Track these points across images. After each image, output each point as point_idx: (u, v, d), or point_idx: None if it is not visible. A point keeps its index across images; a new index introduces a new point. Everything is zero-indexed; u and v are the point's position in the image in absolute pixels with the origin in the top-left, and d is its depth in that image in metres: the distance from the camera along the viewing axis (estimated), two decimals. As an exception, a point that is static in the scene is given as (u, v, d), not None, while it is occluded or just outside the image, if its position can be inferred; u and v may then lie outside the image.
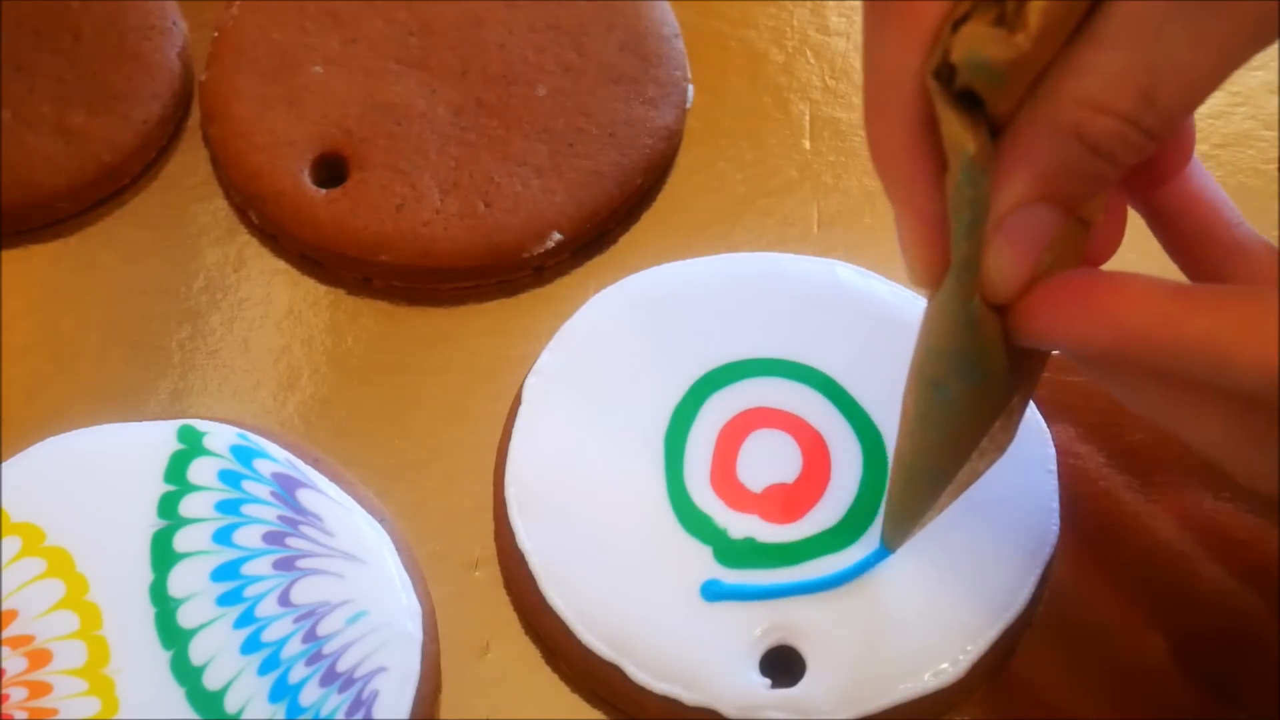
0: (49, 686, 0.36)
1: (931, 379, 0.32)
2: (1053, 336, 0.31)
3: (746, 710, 0.36)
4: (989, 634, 0.37)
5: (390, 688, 0.36)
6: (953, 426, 0.33)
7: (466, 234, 0.43)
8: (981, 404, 0.32)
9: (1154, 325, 0.30)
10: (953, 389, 0.32)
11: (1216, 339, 0.29)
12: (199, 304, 0.43)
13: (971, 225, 0.30)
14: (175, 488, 0.38)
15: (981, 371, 0.32)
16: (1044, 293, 0.31)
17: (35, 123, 0.44)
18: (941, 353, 0.32)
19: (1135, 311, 0.30)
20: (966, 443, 0.33)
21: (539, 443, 0.39)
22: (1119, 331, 0.30)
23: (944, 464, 0.34)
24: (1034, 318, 0.31)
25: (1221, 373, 0.29)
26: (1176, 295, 0.30)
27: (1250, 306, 0.29)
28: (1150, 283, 0.30)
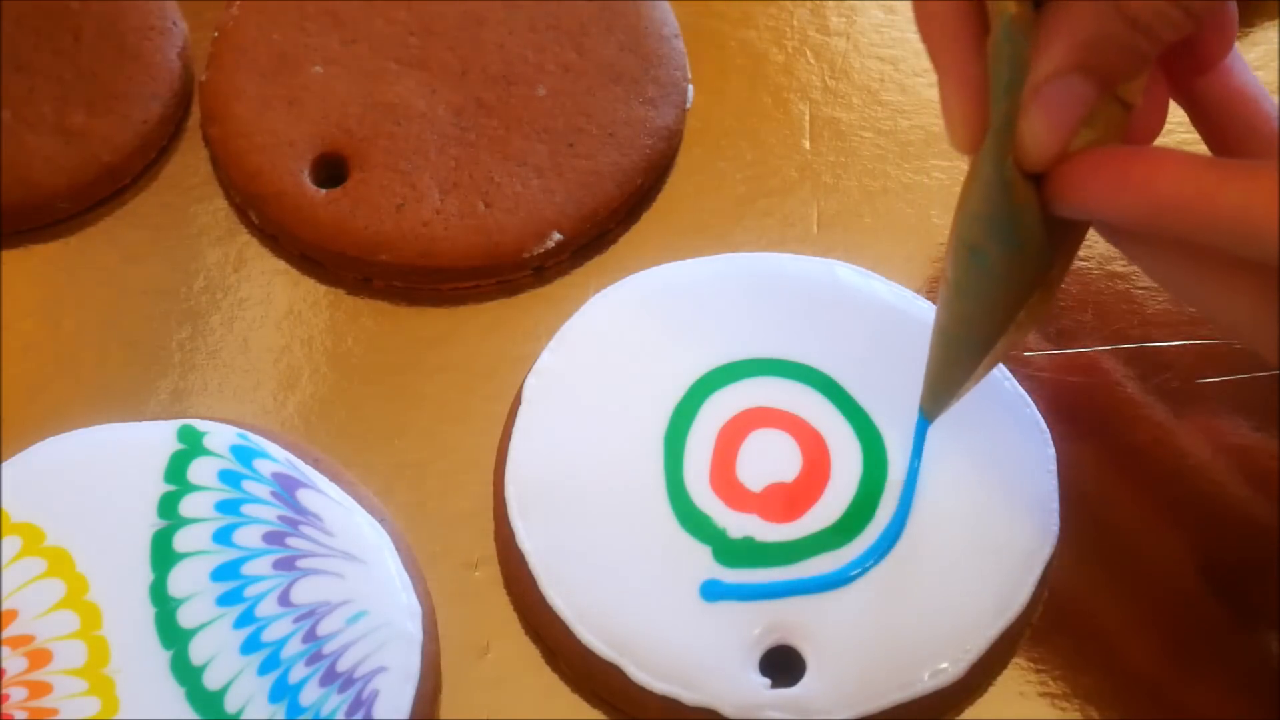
0: (49, 686, 0.36)
1: (970, 244, 0.33)
2: (1089, 205, 0.32)
3: (746, 710, 0.36)
4: (989, 634, 0.37)
5: (390, 688, 0.36)
6: (990, 294, 0.33)
7: (466, 234, 0.43)
8: (1018, 271, 0.33)
9: (1188, 195, 0.30)
10: (990, 255, 0.33)
11: (1249, 209, 0.30)
12: (199, 304, 0.43)
13: (1010, 85, 0.31)
14: (175, 488, 0.38)
15: (1018, 238, 0.32)
16: (1082, 162, 0.32)
17: (35, 123, 0.44)
18: (978, 217, 0.32)
19: (1170, 181, 0.31)
20: (1004, 311, 0.34)
21: (539, 443, 0.39)
22: (1153, 200, 0.31)
23: (982, 332, 0.34)
24: (1071, 186, 0.32)
25: (1251, 242, 0.30)
26: (1211, 166, 0.31)
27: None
28: (1187, 156, 0.31)
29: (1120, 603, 0.39)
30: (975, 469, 0.39)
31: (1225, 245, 0.31)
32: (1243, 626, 0.38)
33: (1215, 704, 0.38)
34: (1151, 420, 0.41)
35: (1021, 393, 0.40)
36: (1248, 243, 0.30)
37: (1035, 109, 0.31)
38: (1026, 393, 0.40)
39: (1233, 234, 0.30)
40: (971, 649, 0.37)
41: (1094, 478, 0.40)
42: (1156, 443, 0.41)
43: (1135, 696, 0.38)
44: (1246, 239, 0.30)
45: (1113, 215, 0.32)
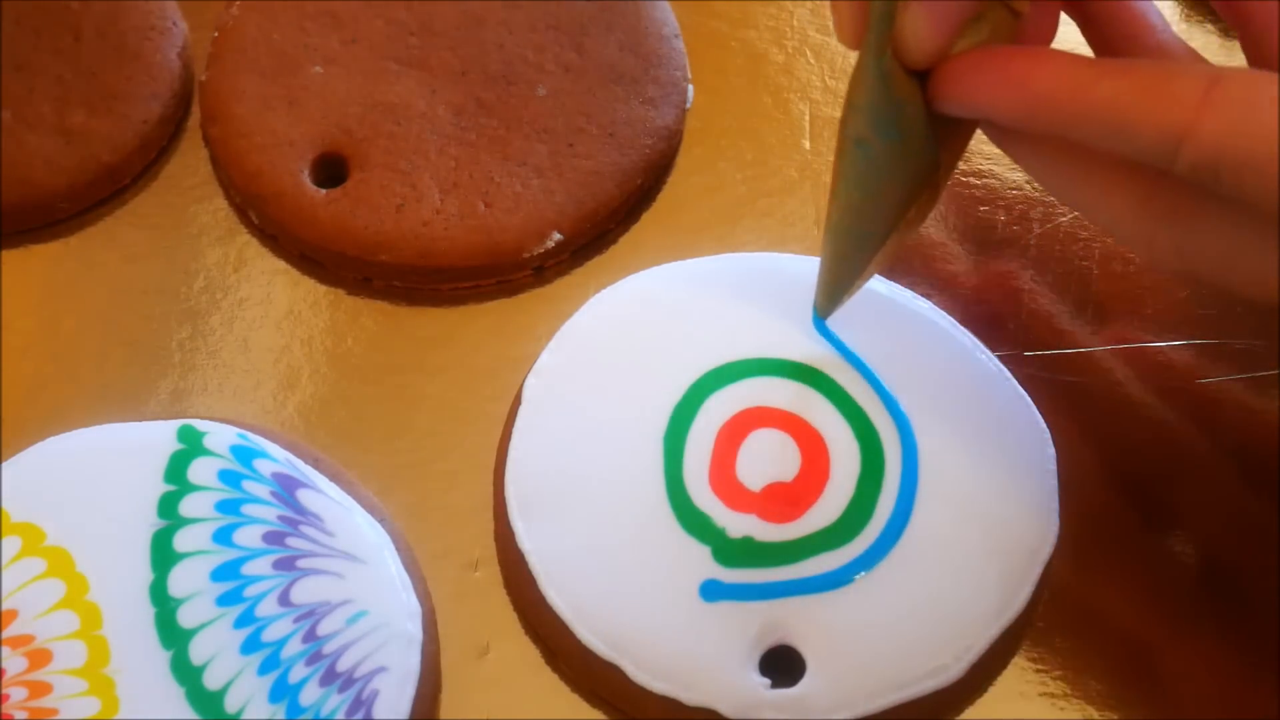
0: (49, 686, 0.36)
1: (854, 135, 0.34)
2: (970, 101, 0.33)
3: (746, 710, 0.36)
4: (989, 634, 0.37)
5: (390, 688, 0.36)
6: (876, 185, 0.34)
7: (466, 234, 0.43)
8: (902, 163, 0.34)
9: (1063, 90, 0.31)
10: (874, 146, 0.33)
11: (1119, 102, 0.31)
12: (199, 304, 0.43)
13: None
14: (175, 488, 0.38)
15: (899, 129, 0.33)
16: (963, 59, 0.33)
17: (35, 123, 0.44)
18: (861, 108, 0.33)
19: (1046, 76, 0.32)
20: (891, 205, 0.35)
21: (539, 443, 0.39)
22: (1030, 96, 0.32)
23: (871, 225, 0.35)
24: (952, 83, 0.33)
25: (1122, 135, 0.31)
26: (1087, 64, 0.32)
27: (1151, 71, 0.31)
28: (1066, 54, 0.32)
29: (1120, 603, 0.39)
30: (975, 469, 0.39)
31: (1098, 140, 0.32)
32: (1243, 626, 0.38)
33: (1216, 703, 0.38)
34: (1151, 420, 0.41)
35: (1021, 393, 0.40)
36: (1118, 137, 0.31)
37: (917, 5, 0.32)
38: (1026, 393, 0.40)
39: (1104, 128, 0.31)
40: (971, 649, 0.37)
41: (1094, 478, 0.40)
42: (1156, 443, 0.41)
43: (1135, 696, 0.38)
44: (1117, 133, 0.31)
45: (992, 112, 0.33)
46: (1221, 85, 0.30)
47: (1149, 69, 0.31)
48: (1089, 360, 0.42)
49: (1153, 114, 0.30)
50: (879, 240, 0.35)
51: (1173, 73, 0.31)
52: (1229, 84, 0.30)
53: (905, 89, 0.33)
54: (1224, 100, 0.30)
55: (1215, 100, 0.30)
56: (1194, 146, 0.30)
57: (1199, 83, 0.30)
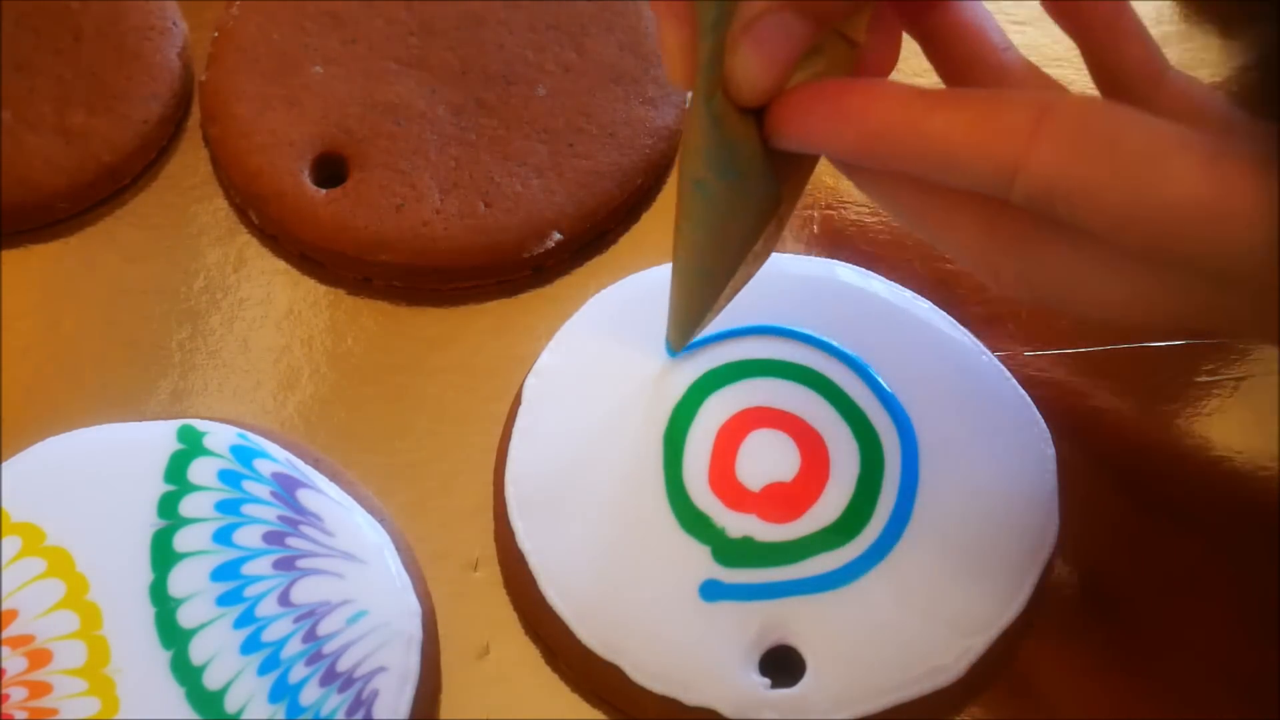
0: (49, 686, 0.36)
1: (691, 176, 0.33)
2: (806, 138, 0.32)
3: (746, 710, 0.36)
4: (989, 634, 0.37)
5: (390, 688, 0.36)
6: (717, 223, 0.34)
7: (466, 234, 0.43)
8: (742, 201, 0.33)
9: (895, 124, 0.31)
10: (712, 185, 0.33)
11: (951, 136, 0.30)
12: (199, 304, 0.43)
13: (715, 23, 0.31)
14: (175, 488, 0.38)
15: (736, 169, 0.33)
16: (797, 95, 0.32)
17: (35, 123, 0.44)
18: (696, 149, 0.33)
19: (880, 111, 0.31)
20: (734, 242, 0.34)
21: (539, 443, 0.39)
22: (863, 131, 0.31)
23: (716, 262, 0.35)
24: (787, 119, 0.32)
25: (956, 169, 0.31)
26: (920, 96, 0.31)
27: (982, 103, 0.31)
28: (902, 87, 0.32)
29: (1120, 603, 0.39)
30: (975, 469, 0.39)
31: (934, 174, 0.31)
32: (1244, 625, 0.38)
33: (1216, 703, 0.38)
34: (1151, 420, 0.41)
35: (1021, 393, 0.40)
36: (953, 170, 0.31)
37: (746, 44, 0.31)
38: (1026, 393, 0.40)
39: (938, 162, 0.31)
40: (971, 649, 0.37)
41: (1094, 478, 0.40)
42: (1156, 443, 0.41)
43: (1135, 696, 0.38)
44: (951, 167, 0.31)
45: (829, 148, 0.33)
46: (1052, 115, 0.30)
47: (980, 100, 0.31)
48: (1089, 360, 0.42)
49: (985, 147, 0.30)
50: (726, 275, 0.35)
51: (1004, 103, 0.31)
52: (1059, 113, 0.30)
53: (739, 128, 0.32)
54: (1054, 130, 0.30)
55: (1046, 131, 0.30)
56: (1027, 178, 0.30)
57: (1030, 112, 0.30)
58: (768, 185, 0.33)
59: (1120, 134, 0.30)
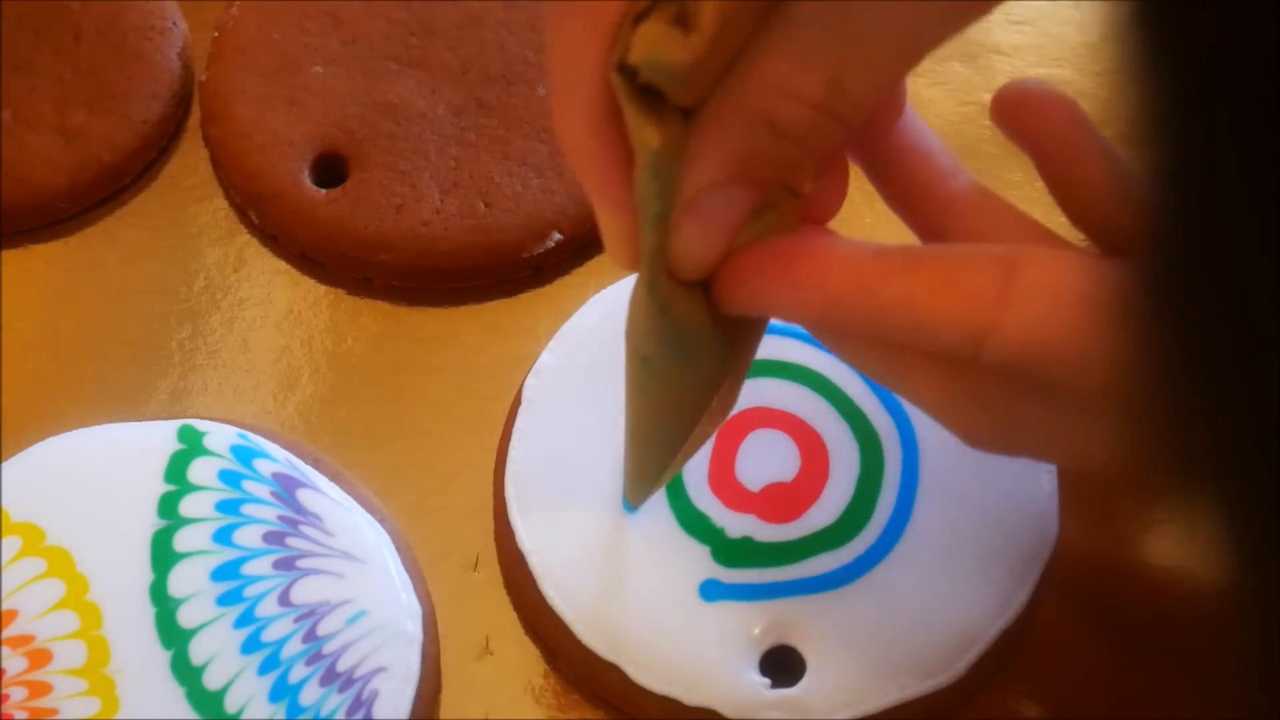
0: (49, 686, 0.36)
1: (638, 353, 0.32)
2: (755, 305, 0.31)
3: (746, 710, 0.36)
4: (988, 634, 0.37)
5: (390, 688, 0.36)
6: (668, 395, 0.33)
7: (466, 234, 0.43)
8: (693, 374, 0.32)
9: (852, 291, 0.30)
10: (659, 363, 0.32)
11: (913, 301, 0.29)
12: (199, 304, 0.43)
13: (658, 217, 0.30)
14: (175, 488, 0.38)
15: (684, 347, 0.31)
16: (744, 260, 0.30)
17: (35, 123, 0.44)
18: (642, 329, 0.31)
19: (834, 278, 0.30)
20: (688, 408, 0.33)
21: (539, 443, 0.39)
22: (818, 299, 0.30)
23: (668, 427, 0.34)
24: (735, 287, 0.30)
25: (921, 335, 0.30)
26: (875, 259, 0.30)
27: (943, 266, 0.29)
28: (851, 248, 0.30)
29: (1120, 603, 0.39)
30: (975, 469, 0.39)
31: (896, 339, 0.30)
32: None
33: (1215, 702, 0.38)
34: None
35: (1021, 393, 0.40)
36: (916, 336, 0.30)
37: (689, 224, 0.29)
38: (1026, 393, 0.40)
39: (901, 329, 0.30)
40: (971, 649, 0.37)
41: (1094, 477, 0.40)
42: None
43: (1135, 697, 0.38)
44: (913, 332, 0.29)
45: (782, 314, 0.31)
46: (1019, 275, 0.29)
47: (942, 261, 0.30)
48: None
49: (951, 313, 0.29)
50: (681, 437, 0.34)
51: (968, 264, 0.29)
52: (1027, 273, 0.29)
53: (686, 307, 0.31)
54: (1024, 293, 0.28)
55: (1015, 294, 0.28)
56: (999, 343, 0.29)
57: (995, 274, 0.29)
58: (720, 354, 0.32)
59: (1093, 294, 0.28)
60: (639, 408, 0.34)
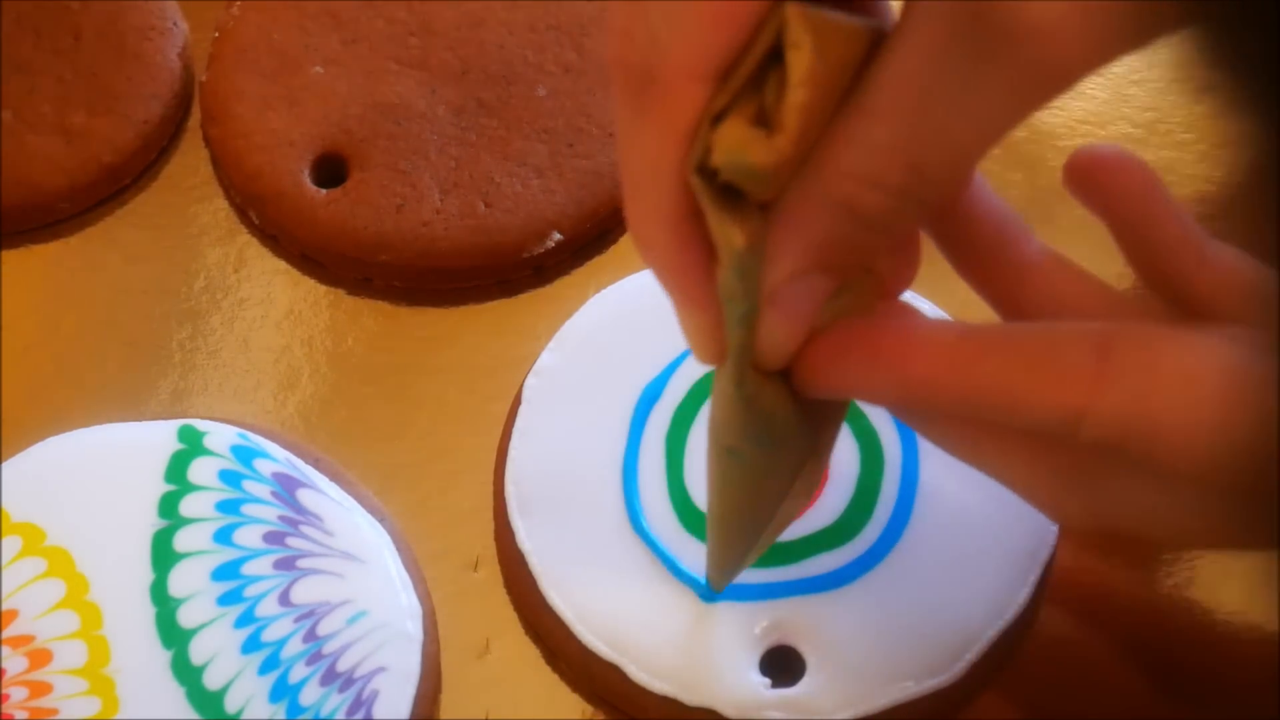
0: (49, 686, 0.36)
1: (725, 445, 0.31)
2: (840, 388, 0.30)
3: (746, 710, 0.36)
4: (988, 634, 0.37)
5: (390, 688, 0.36)
6: (754, 484, 0.32)
7: (466, 234, 0.43)
8: (778, 462, 0.32)
9: (942, 372, 0.29)
10: (746, 453, 0.31)
11: (1006, 381, 0.29)
12: (199, 304, 0.43)
13: (745, 315, 0.29)
14: (175, 487, 0.38)
15: (771, 438, 0.31)
16: (825, 346, 0.30)
17: (36, 123, 0.44)
18: (729, 424, 0.31)
19: (922, 359, 0.29)
20: (772, 494, 0.33)
21: (539, 443, 0.39)
22: (907, 380, 0.29)
23: (753, 514, 0.33)
24: (819, 373, 0.30)
25: (1015, 415, 0.29)
26: (964, 338, 0.29)
27: (1036, 344, 0.29)
28: (937, 327, 0.30)
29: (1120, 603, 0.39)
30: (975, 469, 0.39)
31: (989, 418, 0.30)
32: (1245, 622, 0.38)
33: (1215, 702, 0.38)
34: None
35: (1021, 393, 0.40)
36: (1011, 416, 0.29)
37: (774, 315, 0.29)
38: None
39: (993, 408, 0.29)
40: (971, 649, 0.37)
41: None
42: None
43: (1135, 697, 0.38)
44: (1008, 412, 0.29)
45: (868, 396, 0.31)
46: (1116, 354, 0.28)
47: (1033, 340, 0.29)
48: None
49: (1046, 394, 0.28)
50: (766, 520, 0.33)
51: (1061, 342, 0.29)
52: (1123, 351, 0.28)
53: (772, 399, 0.30)
54: (1120, 372, 0.28)
55: (1111, 373, 0.28)
56: (1095, 423, 0.28)
57: (1090, 352, 0.28)
58: (806, 438, 0.31)
59: (1194, 370, 0.28)
60: (724, 497, 0.33)
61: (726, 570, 0.36)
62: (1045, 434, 0.30)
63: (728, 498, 0.33)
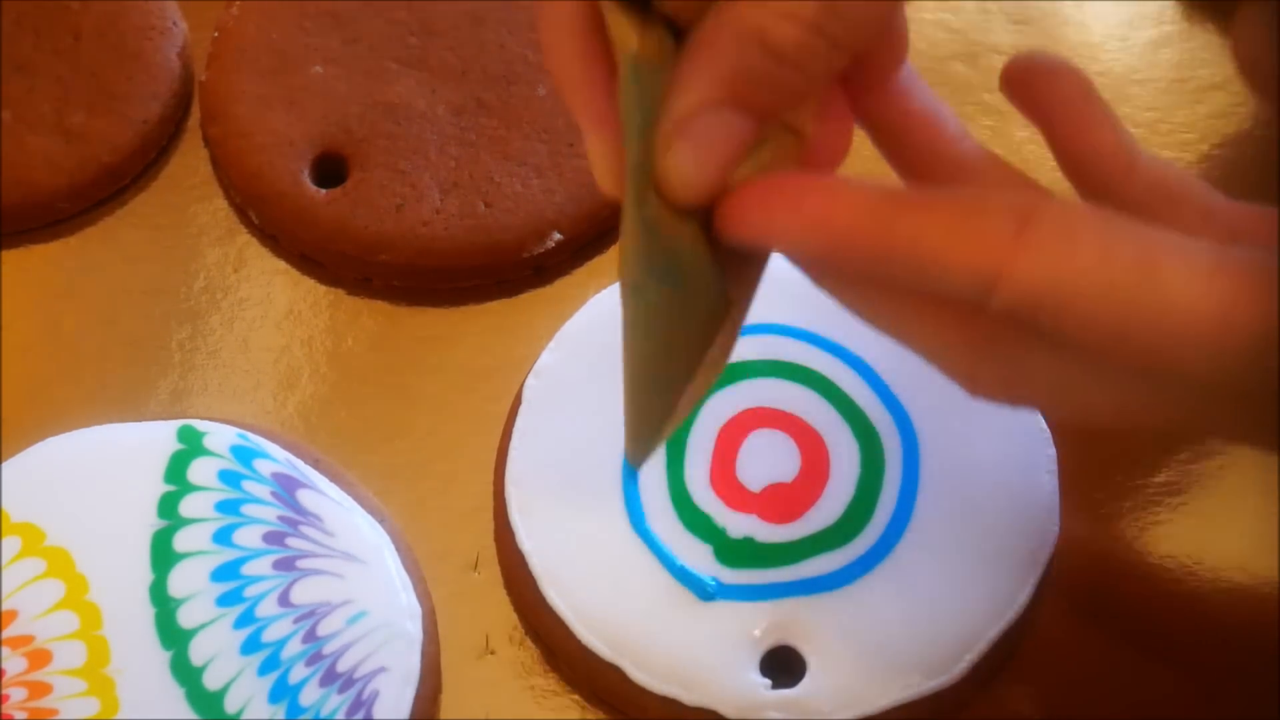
0: (49, 687, 0.36)
1: (631, 282, 0.31)
2: (760, 235, 0.30)
3: (746, 710, 0.36)
4: (989, 634, 0.37)
5: (390, 688, 0.36)
6: (662, 330, 0.32)
7: (466, 234, 0.43)
8: (687, 308, 0.31)
9: (863, 226, 0.29)
10: (650, 291, 0.31)
11: (925, 241, 0.29)
12: (199, 304, 0.43)
13: (641, 129, 0.29)
14: (175, 488, 0.38)
15: (676, 275, 0.31)
16: (751, 191, 0.30)
17: (35, 123, 0.44)
18: (631, 253, 0.31)
19: (844, 212, 0.29)
20: (683, 348, 0.32)
21: (539, 443, 0.39)
22: (828, 232, 0.29)
23: (666, 370, 0.32)
24: (739, 217, 0.30)
25: (930, 276, 0.29)
26: (888, 197, 0.29)
27: (960, 205, 0.29)
28: (864, 187, 0.30)
29: (1121, 603, 0.39)
30: (975, 469, 0.39)
31: (904, 280, 0.30)
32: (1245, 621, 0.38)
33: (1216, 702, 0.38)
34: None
35: (1022, 393, 0.40)
36: (926, 277, 0.29)
37: (680, 144, 0.29)
38: (1026, 393, 0.40)
39: (910, 268, 0.29)
40: (972, 649, 0.37)
41: (1094, 478, 0.40)
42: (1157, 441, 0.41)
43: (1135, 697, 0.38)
44: (924, 273, 0.29)
45: (787, 248, 0.31)
46: (1035, 222, 0.28)
47: (955, 202, 0.29)
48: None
49: (962, 255, 0.28)
50: (681, 383, 0.32)
51: (982, 206, 0.29)
52: (1043, 221, 0.28)
53: (676, 230, 0.30)
54: (1038, 240, 0.28)
55: (1029, 240, 0.28)
56: (1009, 289, 0.28)
57: (1010, 219, 0.28)
58: (714, 288, 0.31)
59: (1110, 245, 0.28)
60: (635, 347, 0.33)
61: (642, 440, 0.35)
62: (960, 301, 0.29)
63: (638, 349, 0.32)
